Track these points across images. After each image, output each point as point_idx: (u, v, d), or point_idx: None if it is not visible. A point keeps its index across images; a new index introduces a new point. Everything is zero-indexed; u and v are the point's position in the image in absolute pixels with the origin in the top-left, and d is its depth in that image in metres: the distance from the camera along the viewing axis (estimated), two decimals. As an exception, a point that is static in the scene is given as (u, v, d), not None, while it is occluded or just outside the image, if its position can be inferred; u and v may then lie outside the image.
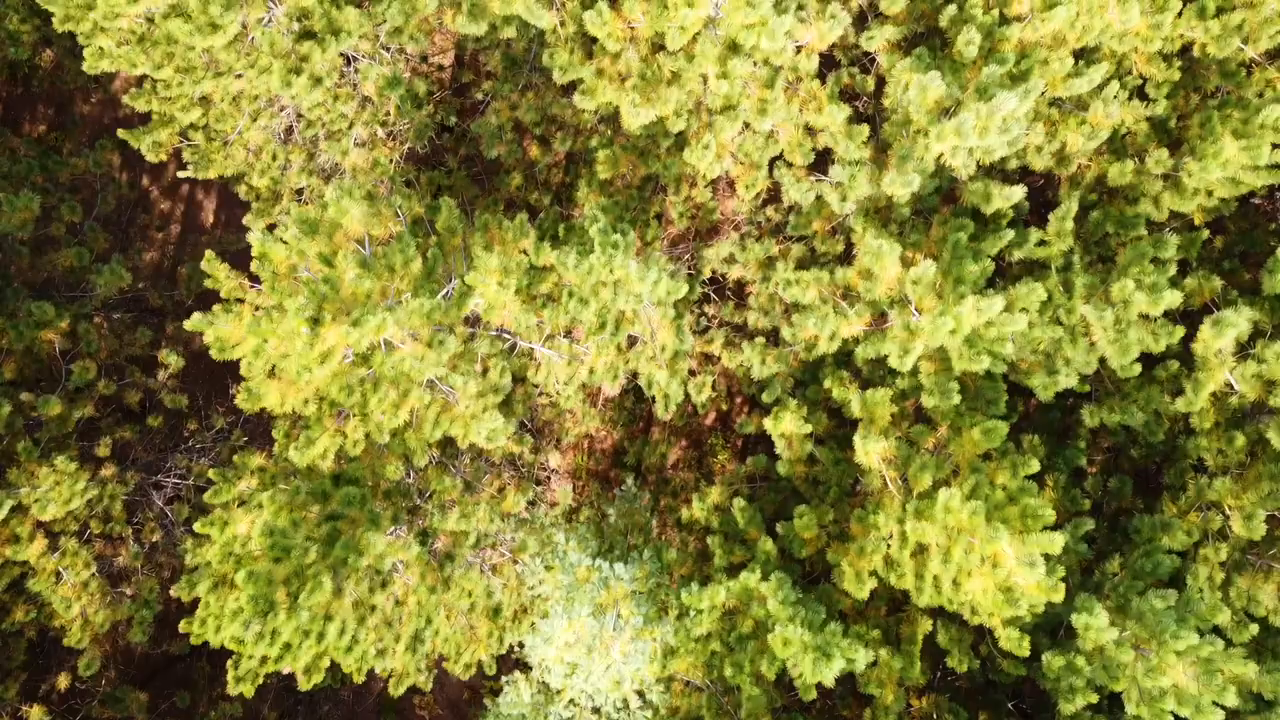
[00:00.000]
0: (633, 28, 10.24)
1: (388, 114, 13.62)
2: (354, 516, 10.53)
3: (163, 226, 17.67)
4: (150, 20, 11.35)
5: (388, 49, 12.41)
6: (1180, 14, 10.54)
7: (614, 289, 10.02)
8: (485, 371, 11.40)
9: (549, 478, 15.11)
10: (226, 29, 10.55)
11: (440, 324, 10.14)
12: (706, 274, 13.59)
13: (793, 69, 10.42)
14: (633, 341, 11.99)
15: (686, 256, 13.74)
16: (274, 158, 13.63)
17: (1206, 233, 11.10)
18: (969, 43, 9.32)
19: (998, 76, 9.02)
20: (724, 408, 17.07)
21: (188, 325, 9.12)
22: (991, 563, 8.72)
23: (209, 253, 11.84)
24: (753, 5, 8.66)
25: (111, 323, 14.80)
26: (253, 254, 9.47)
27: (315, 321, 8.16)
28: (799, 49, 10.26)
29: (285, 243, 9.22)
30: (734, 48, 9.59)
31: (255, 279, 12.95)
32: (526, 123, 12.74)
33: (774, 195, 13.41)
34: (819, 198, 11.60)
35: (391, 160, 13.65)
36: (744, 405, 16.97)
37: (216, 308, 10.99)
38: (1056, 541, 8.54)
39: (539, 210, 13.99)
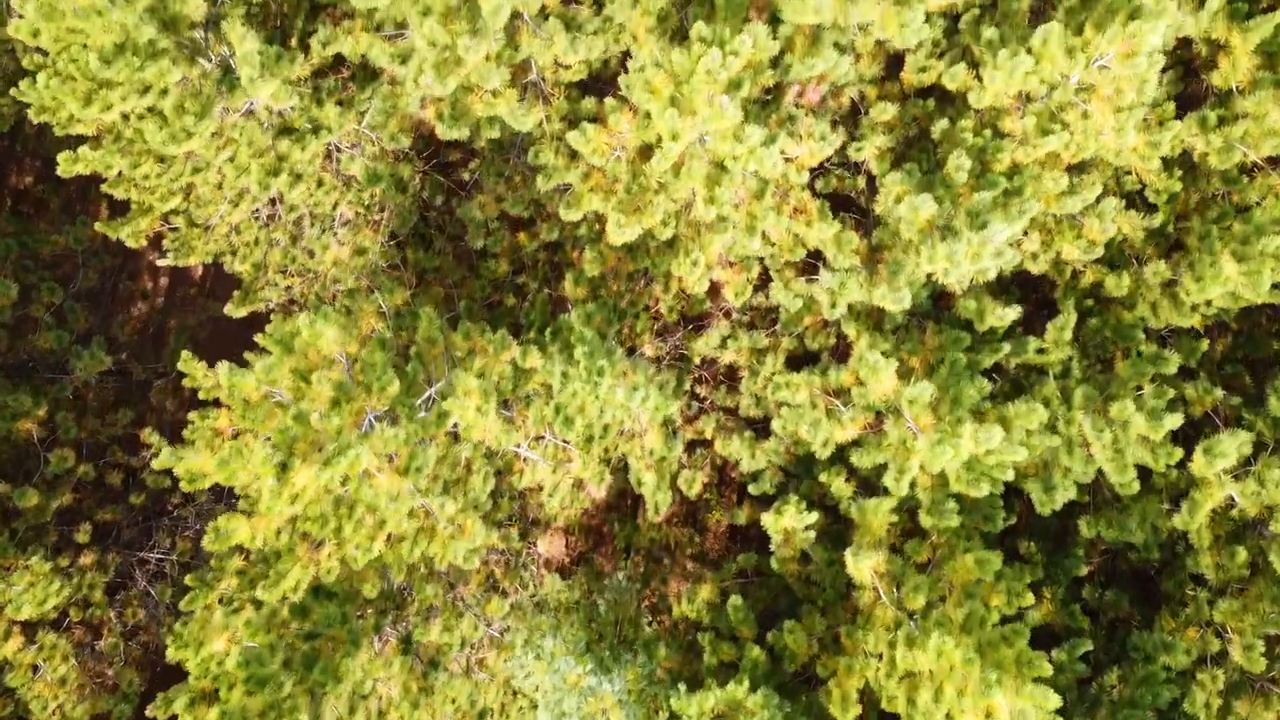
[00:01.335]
0: (618, 139, 9.99)
1: (373, 195, 13.36)
2: (334, 634, 10.28)
3: (147, 295, 17.41)
4: (126, 117, 11.09)
5: (372, 138, 12.14)
6: (1180, 119, 10.30)
7: (600, 405, 9.77)
8: (469, 473, 11.15)
9: (537, 563, 14.85)
10: (201, 134, 10.29)
11: (421, 437, 9.89)
12: (697, 360, 13.33)
13: (783, 177, 10.16)
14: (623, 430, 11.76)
15: (676, 345, 13.48)
16: (256, 242, 13.38)
17: (1206, 343, 10.84)
18: (959, 168, 9.06)
19: (989, 201, 8.76)
20: (718, 463, 16.80)
21: (156, 464, 8.86)
22: (985, 712, 8.46)
23: (185, 354, 11.59)
24: (740, 139, 8.39)
25: (91, 403, 14.54)
26: (222, 384, 9.20)
27: (284, 466, 7.91)
28: (789, 160, 10.00)
29: (254, 372, 8.97)
30: (722, 167, 9.33)
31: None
32: (513, 214, 12.48)
33: (766, 280, 13.16)
34: (811, 297, 11.35)
35: (377, 243, 13.39)
36: (735, 485, 16.72)
37: (195, 421, 10.76)
38: (1052, 699, 8.28)
39: (527, 293, 13.72)
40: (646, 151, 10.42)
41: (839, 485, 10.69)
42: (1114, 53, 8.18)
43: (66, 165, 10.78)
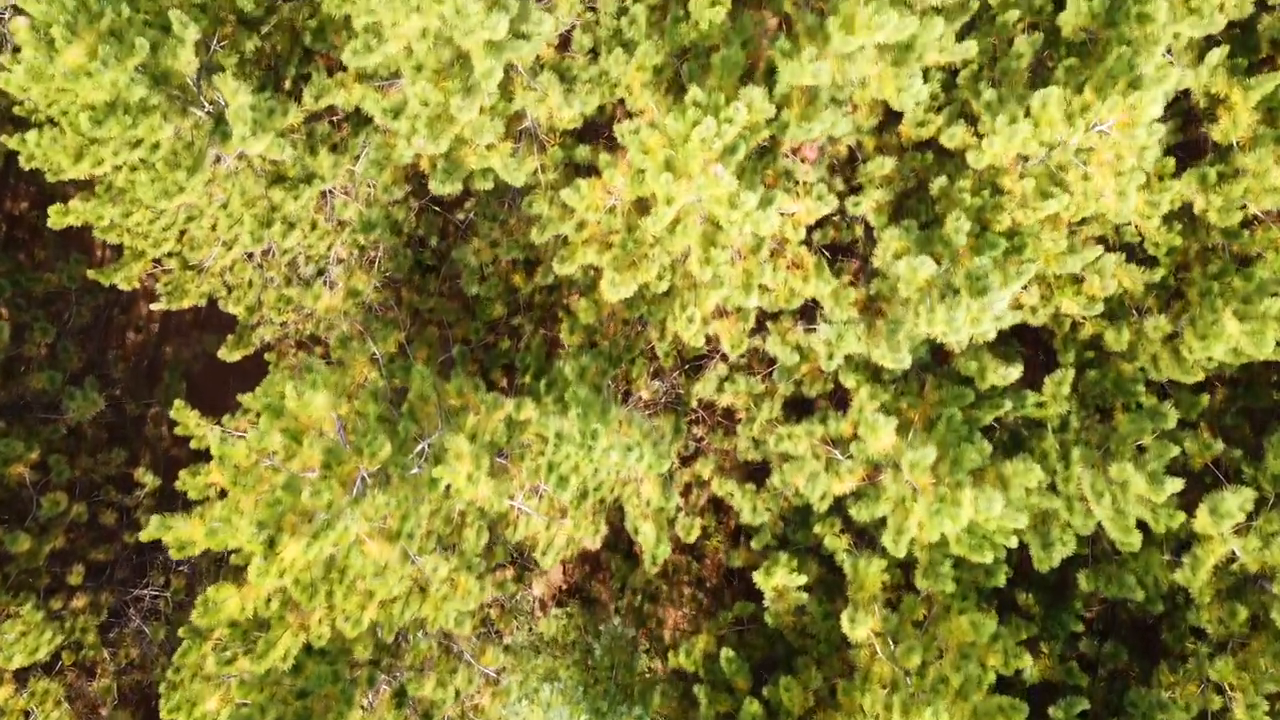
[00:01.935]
0: (612, 194, 9.90)
1: (367, 236, 13.26)
2: (327, 692, 10.19)
3: (140, 327, 17.32)
4: (118, 168, 10.99)
5: (367, 183, 12.05)
6: (1180, 172, 10.21)
7: (595, 467, 9.68)
8: (463, 525, 11.07)
9: (533, 604, 14.77)
10: (193, 189, 10.19)
11: (412, 499, 9.79)
12: (694, 403, 13.24)
13: (779, 230, 10.07)
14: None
15: (672, 386, 13.39)
16: (250, 284, 13.28)
17: (1207, 398, 10.75)
18: (958, 230, 8.96)
19: (989, 266, 8.66)
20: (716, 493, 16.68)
21: (144, 536, 8.77)
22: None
23: (178, 402, 11.51)
24: (735, 206, 8.30)
25: (85, 443, 14.45)
26: (212, 453, 9.11)
27: (271, 543, 7.81)
28: (786, 215, 9.91)
29: (245, 440, 8.87)
30: (718, 225, 9.24)
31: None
32: (508, 260, 12.39)
33: (763, 322, 13.06)
34: (809, 347, 11.25)
35: (370, 284, 13.29)
36: (733, 513, 16.62)
37: (186, 478, 10.66)
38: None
39: (522, 334, 13.62)
40: (642, 204, 10.34)
41: (835, 540, 10.59)
42: (1114, 120, 8.09)
43: (57, 218, 10.69)
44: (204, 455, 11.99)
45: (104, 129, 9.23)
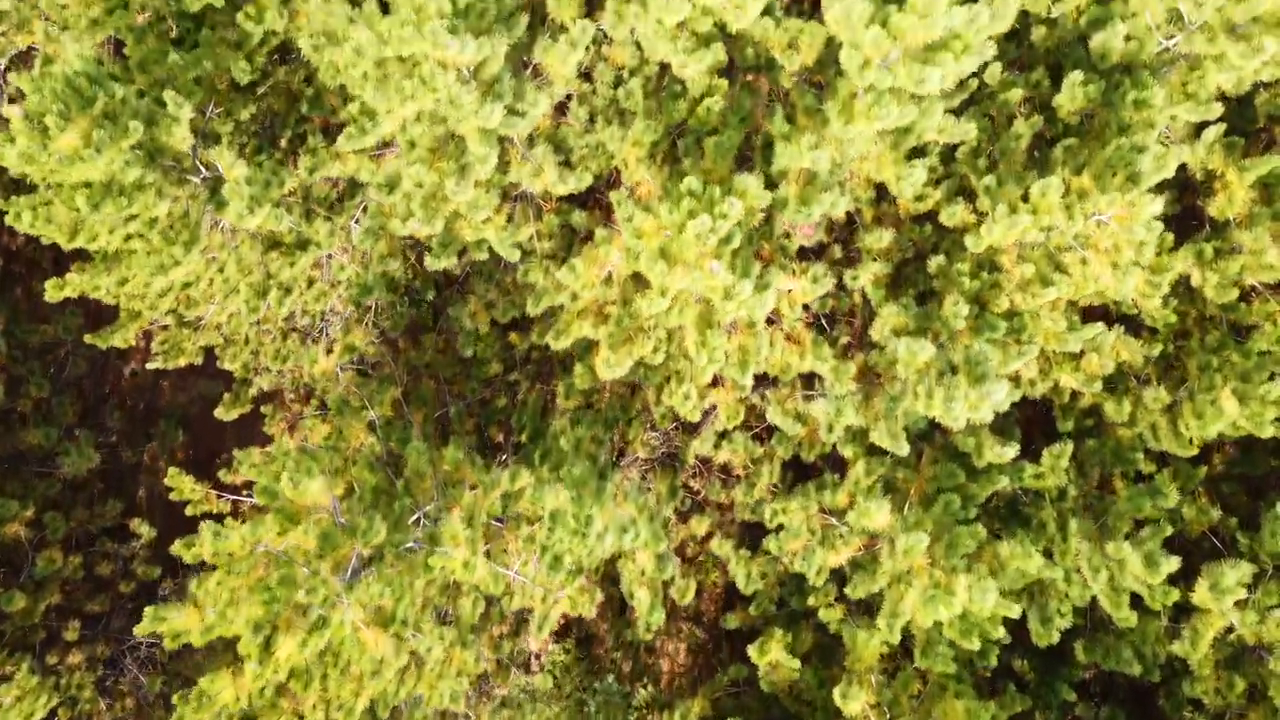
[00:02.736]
0: (608, 269, 9.88)
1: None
2: (321, 767, 10.16)
3: (137, 372, 17.27)
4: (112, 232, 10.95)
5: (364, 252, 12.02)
6: (1176, 249, 10.19)
7: (589, 549, 9.66)
8: (459, 594, 11.04)
9: (528, 658, 14.75)
10: (189, 262, 10.18)
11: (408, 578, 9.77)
12: (691, 460, 13.22)
13: (776, 308, 10.05)
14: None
15: (668, 439, 13.36)
16: (246, 340, 13.26)
17: (1204, 470, 10.74)
18: (957, 315, 8.94)
19: (988, 353, 8.64)
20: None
21: (138, 630, 8.73)
22: None
23: (173, 470, 11.51)
24: (730, 298, 8.27)
25: (80, 495, 14.42)
26: (207, 549, 9.09)
27: (267, 643, 7.79)
28: (783, 292, 9.89)
29: (240, 533, 8.86)
30: (713, 307, 9.21)
31: (221, 486, 12.62)
32: (504, 321, 12.36)
33: (761, 381, 13.04)
34: (808, 414, 11.23)
35: (367, 341, 13.27)
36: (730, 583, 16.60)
37: (180, 550, 10.63)
38: None
39: (519, 390, 13.60)
40: (638, 276, 10.32)
41: (830, 613, 10.57)
42: (1112, 214, 8.07)
43: (54, 291, 10.66)
44: (200, 518, 11.99)
45: (99, 211, 9.21)
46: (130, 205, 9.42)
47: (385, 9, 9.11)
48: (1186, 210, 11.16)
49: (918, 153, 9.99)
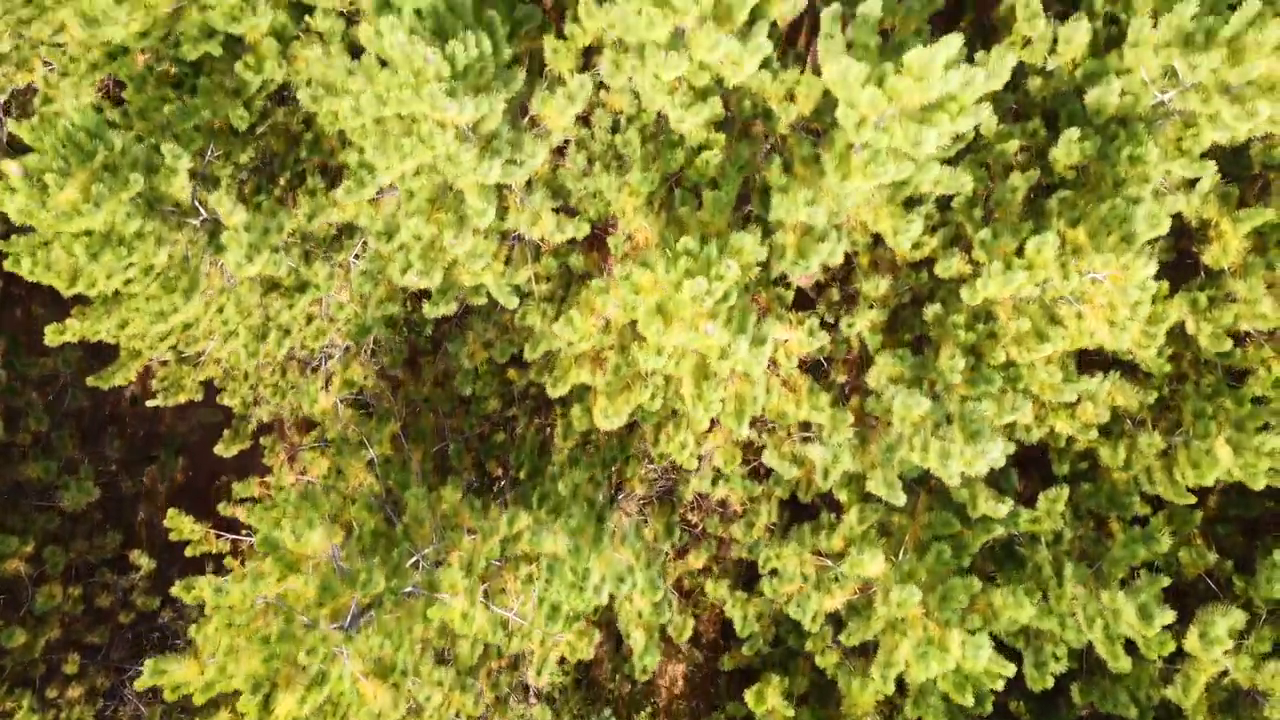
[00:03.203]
0: (605, 319, 9.93)
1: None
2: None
3: (137, 400, 17.30)
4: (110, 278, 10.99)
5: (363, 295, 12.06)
6: (1171, 296, 10.25)
7: (587, 600, 9.71)
8: (455, 636, 11.09)
9: (527, 695, 14.77)
10: (187, 310, 10.21)
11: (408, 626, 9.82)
12: (689, 496, 13.25)
13: (772, 358, 10.09)
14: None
15: (665, 474, 13.40)
16: (245, 375, 13.29)
17: (1200, 515, 10.78)
18: (953, 370, 8.99)
19: (983, 411, 8.69)
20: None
21: (139, 685, 8.78)
22: None
23: (172, 511, 11.56)
24: (726, 356, 8.32)
25: (80, 527, 14.46)
26: (208, 604, 9.13)
27: (266, 701, 7.84)
28: (779, 342, 9.93)
29: (240, 586, 8.90)
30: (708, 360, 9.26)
31: (221, 524, 12.66)
32: (502, 361, 12.40)
33: (757, 421, 13.08)
34: (805, 456, 11.28)
35: (365, 376, 13.31)
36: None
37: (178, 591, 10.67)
38: None
39: (517, 425, 13.64)
40: (635, 323, 10.36)
41: (826, 658, 10.62)
42: (1107, 274, 8.12)
43: (54, 336, 10.69)
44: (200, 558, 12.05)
45: (98, 262, 9.24)
46: (130, 255, 9.46)
47: (383, 61, 9.15)
48: (1182, 253, 11.21)
49: (914, 200, 10.04)
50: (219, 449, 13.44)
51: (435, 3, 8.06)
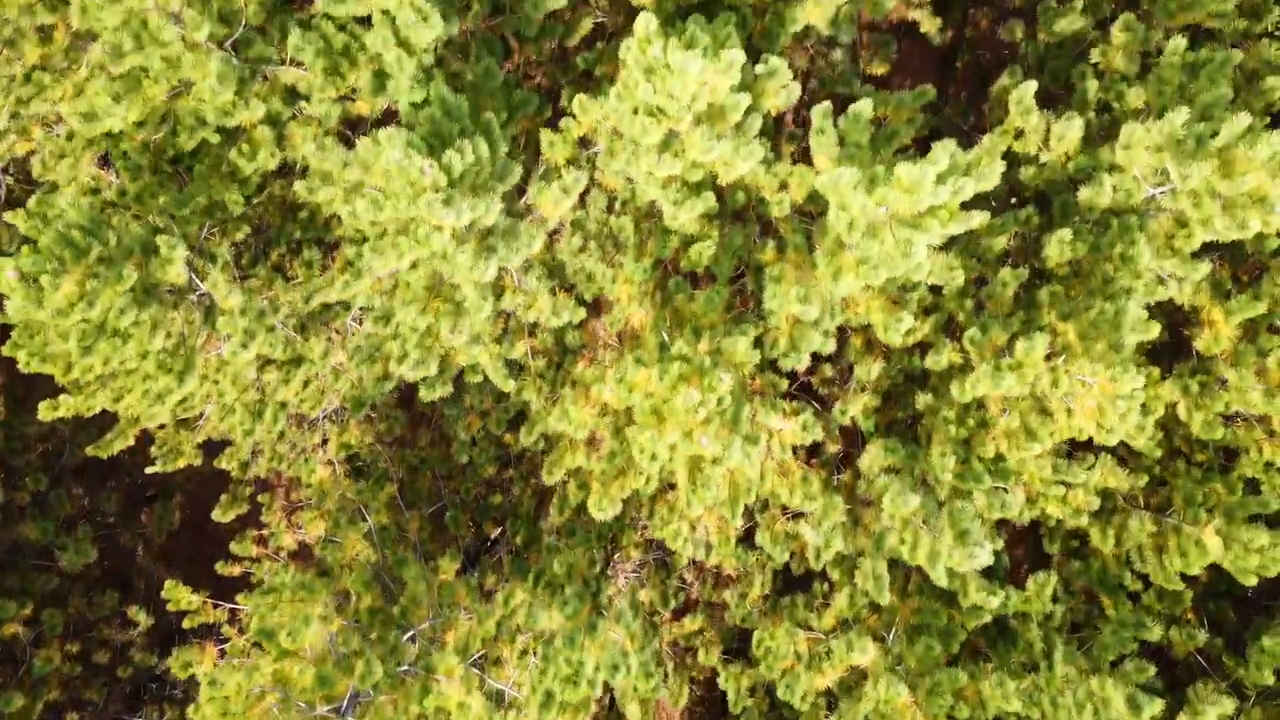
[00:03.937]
0: (602, 405, 9.98)
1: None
2: None
3: (135, 450, 17.31)
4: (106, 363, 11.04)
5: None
6: (1162, 382, 10.31)
7: (582, 687, 9.78)
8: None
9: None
10: (185, 390, 10.27)
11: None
12: (684, 563, 13.31)
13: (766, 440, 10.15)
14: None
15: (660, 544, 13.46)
16: (246, 432, 13.32)
17: (1190, 593, 10.86)
18: (945, 469, 9.05)
19: (973, 512, 8.76)
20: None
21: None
22: None
23: (169, 582, 11.61)
24: (718, 462, 8.38)
25: (78, 582, 14.51)
26: (203, 688, 9.20)
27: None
28: (773, 431, 9.99)
29: (237, 676, 8.97)
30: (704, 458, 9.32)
31: (219, 583, 12.71)
32: (498, 431, 12.46)
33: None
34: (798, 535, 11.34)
35: (363, 440, 13.36)
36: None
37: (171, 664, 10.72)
38: None
39: (513, 488, 13.70)
40: (630, 412, 10.42)
41: (821, 734, 10.72)
42: (1097, 381, 8.18)
43: (47, 413, 10.74)
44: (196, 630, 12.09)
45: (93, 354, 9.30)
46: (124, 345, 9.51)
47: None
48: (1174, 331, 11.26)
49: (906, 287, 10.09)
50: (216, 514, 13.49)
51: (431, 112, 8.10)
